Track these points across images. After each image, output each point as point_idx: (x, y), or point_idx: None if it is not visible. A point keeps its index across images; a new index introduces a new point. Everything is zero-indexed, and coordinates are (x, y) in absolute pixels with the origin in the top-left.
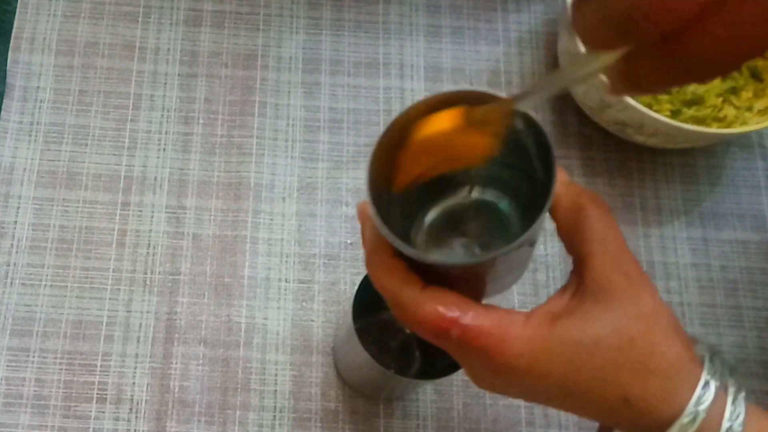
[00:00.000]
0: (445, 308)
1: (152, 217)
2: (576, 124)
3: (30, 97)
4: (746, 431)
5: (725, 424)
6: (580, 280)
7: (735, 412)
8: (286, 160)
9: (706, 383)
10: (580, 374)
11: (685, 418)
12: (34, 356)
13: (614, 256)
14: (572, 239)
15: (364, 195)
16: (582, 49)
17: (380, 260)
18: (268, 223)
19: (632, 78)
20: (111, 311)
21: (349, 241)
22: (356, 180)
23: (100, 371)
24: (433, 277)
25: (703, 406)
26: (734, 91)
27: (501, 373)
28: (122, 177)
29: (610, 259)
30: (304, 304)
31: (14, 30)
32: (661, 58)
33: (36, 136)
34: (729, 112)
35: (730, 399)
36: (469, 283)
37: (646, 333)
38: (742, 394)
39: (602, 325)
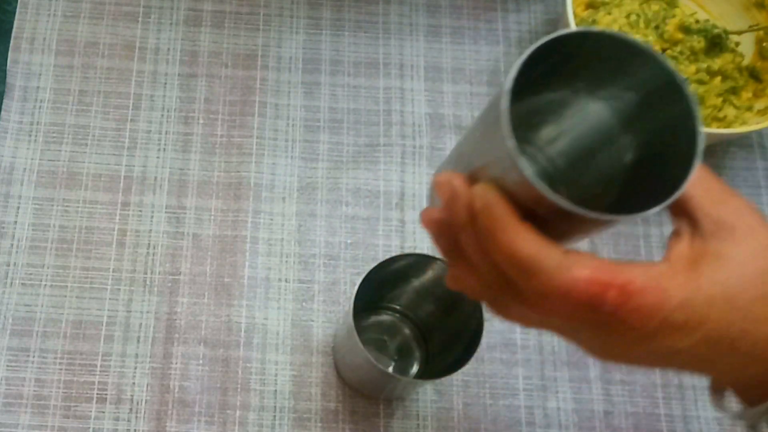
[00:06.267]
0: (597, 270)
1: (152, 217)
2: None
3: (30, 97)
4: None
5: None
6: (691, 222)
7: None
8: (286, 160)
9: None
10: (735, 314)
11: None
12: (34, 356)
13: (718, 193)
14: None
15: (363, 195)
16: None
17: (510, 223)
18: (268, 223)
19: None
20: (111, 311)
21: (349, 241)
22: (356, 180)
23: (100, 371)
24: None
25: None
26: (734, 91)
27: (654, 335)
28: (122, 177)
29: (716, 196)
30: (304, 304)
31: (14, 30)
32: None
33: (36, 136)
34: (729, 112)
35: None
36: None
37: None
38: None
39: (740, 261)
